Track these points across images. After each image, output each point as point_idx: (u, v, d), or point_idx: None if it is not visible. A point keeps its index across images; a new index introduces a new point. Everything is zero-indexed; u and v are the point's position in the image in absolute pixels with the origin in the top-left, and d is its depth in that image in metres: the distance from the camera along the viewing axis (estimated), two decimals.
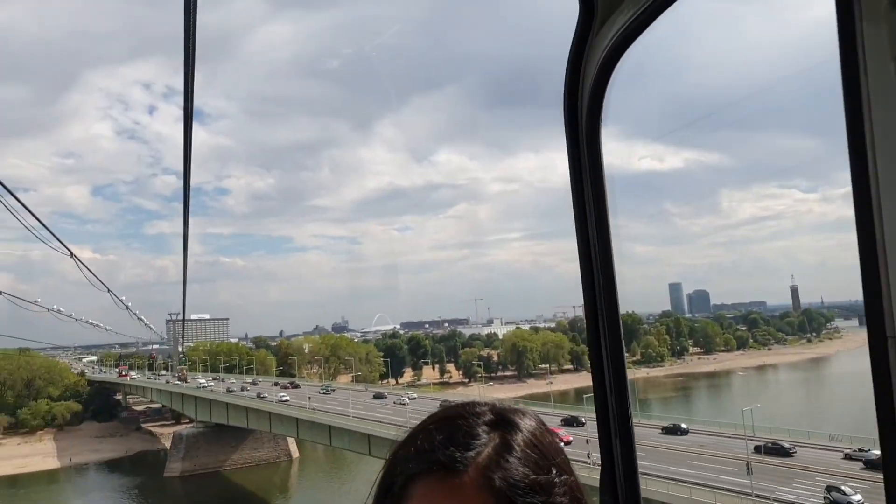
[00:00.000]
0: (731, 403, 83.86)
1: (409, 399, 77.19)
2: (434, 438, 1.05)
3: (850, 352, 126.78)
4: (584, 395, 70.17)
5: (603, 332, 2.41)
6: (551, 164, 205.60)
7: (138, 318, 55.96)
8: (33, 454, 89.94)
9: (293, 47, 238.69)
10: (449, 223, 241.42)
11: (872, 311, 1.19)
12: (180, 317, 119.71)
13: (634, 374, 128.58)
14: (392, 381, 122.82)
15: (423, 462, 1.02)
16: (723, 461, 41.44)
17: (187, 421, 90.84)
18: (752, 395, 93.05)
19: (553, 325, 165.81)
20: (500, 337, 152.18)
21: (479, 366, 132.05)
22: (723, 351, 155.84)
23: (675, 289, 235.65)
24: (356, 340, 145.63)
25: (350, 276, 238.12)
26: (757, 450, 42.29)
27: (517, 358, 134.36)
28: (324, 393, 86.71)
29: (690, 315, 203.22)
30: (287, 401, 76.09)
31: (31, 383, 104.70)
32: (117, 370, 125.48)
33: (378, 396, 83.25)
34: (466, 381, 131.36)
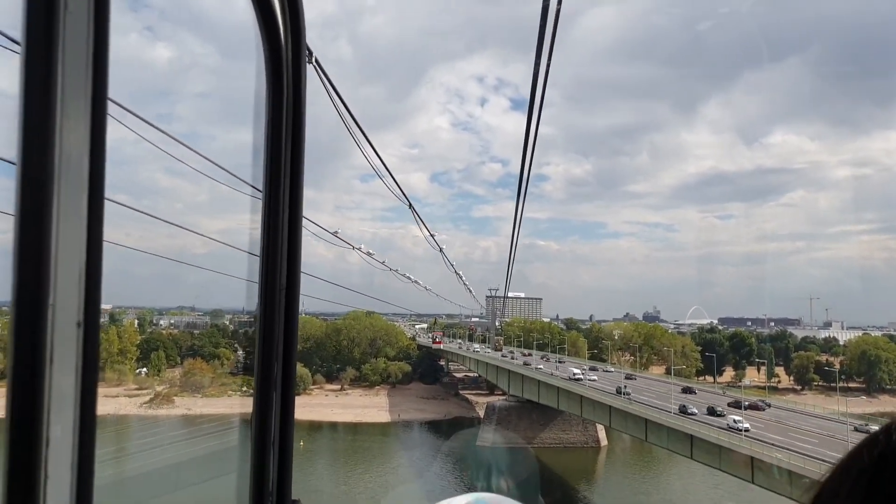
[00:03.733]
0: None
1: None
2: None
3: None
4: None
5: None
6: None
7: (468, 289, 58.72)
8: (370, 406, 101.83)
9: (617, 29, 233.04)
10: (780, 212, 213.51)
11: None
12: (499, 293, 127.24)
13: None
14: (709, 378, 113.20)
15: None
16: None
17: (500, 393, 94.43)
18: None
19: (881, 334, 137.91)
20: (842, 343, 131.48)
21: (815, 372, 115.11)
22: None
23: None
24: (670, 331, 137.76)
25: (663, 265, 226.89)
26: None
27: (867, 369, 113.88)
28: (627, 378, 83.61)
29: None
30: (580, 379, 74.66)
31: (374, 342, 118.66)
32: (431, 336, 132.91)
33: (687, 391, 76.68)
34: (799, 388, 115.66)
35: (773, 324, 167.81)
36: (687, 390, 77.31)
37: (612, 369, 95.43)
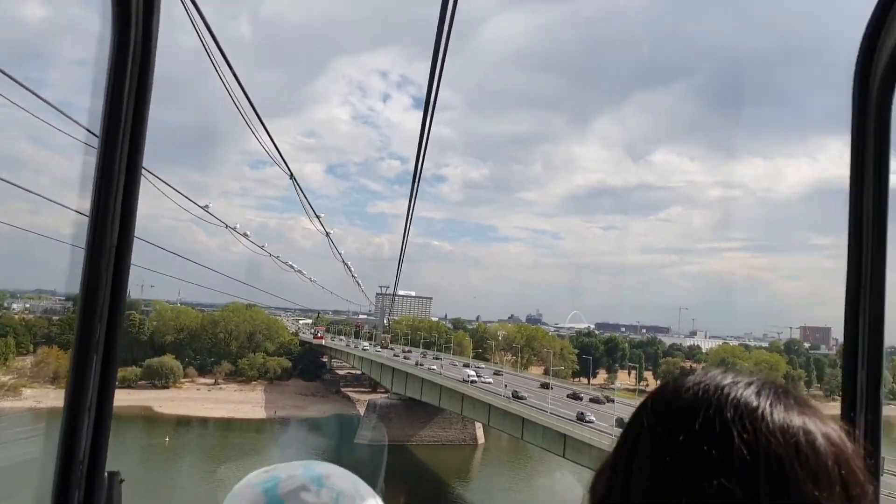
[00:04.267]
0: None
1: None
2: None
3: None
4: None
5: (861, 357, 2.27)
6: (780, 172, 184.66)
7: (356, 281, 57.20)
8: (246, 402, 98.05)
9: (522, 39, 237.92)
10: (659, 226, 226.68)
11: None
12: (389, 291, 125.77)
13: None
14: (584, 380, 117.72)
15: None
16: None
17: (383, 390, 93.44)
18: None
19: (765, 344, 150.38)
20: (704, 350, 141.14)
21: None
22: None
23: None
24: (550, 334, 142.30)
25: (548, 271, 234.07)
26: None
27: None
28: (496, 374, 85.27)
29: None
30: (475, 381, 75.43)
31: (253, 336, 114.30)
32: (312, 332, 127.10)
33: (573, 397, 78.78)
34: None
35: (644, 330, 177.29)
36: (574, 396, 79.20)
37: (504, 370, 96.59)
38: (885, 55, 2.10)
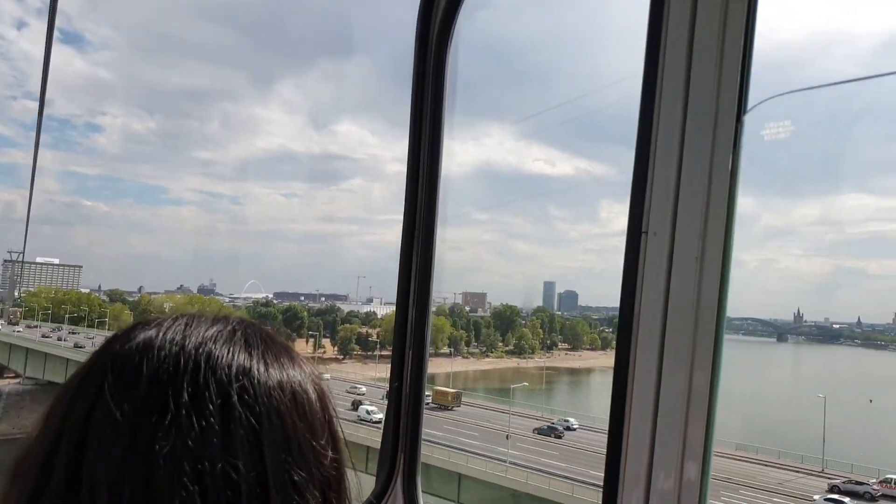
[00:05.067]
0: (589, 397, 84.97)
1: None
2: None
3: None
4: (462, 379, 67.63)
5: (412, 314, 2.65)
6: (451, 151, 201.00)
7: None
8: None
9: None
10: (341, 196, 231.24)
11: None
12: (21, 257, 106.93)
13: (507, 363, 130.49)
14: None
15: None
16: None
17: (12, 375, 79.34)
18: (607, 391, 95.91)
19: (433, 309, 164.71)
20: (380, 316, 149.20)
21: (356, 342, 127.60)
22: (588, 349, 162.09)
23: (548, 287, 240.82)
24: (225, 305, 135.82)
25: (226, 237, 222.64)
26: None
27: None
28: None
29: (560, 313, 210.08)
30: None
31: None
32: None
33: None
34: (341, 357, 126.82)
35: (323, 299, 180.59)
36: None
37: None
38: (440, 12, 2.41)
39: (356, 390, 61.61)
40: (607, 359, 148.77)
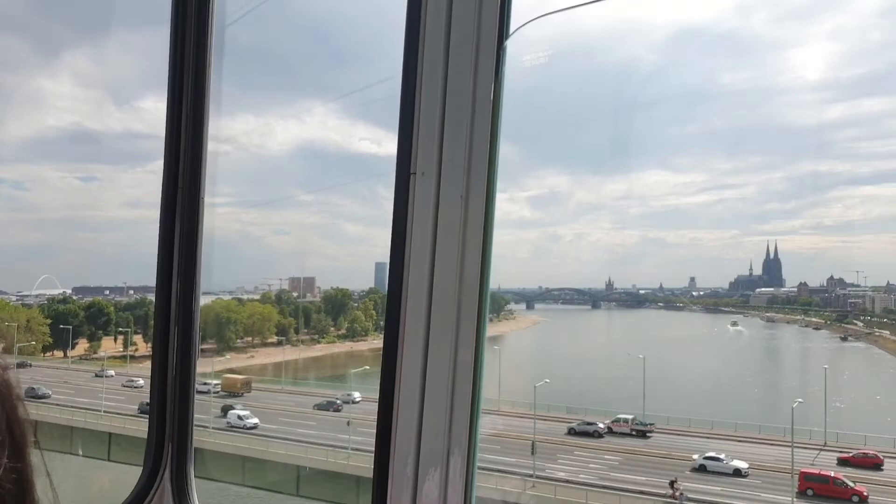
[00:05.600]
0: None
1: None
2: None
3: (520, 330, 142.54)
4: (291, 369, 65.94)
5: (176, 292, 2.58)
6: (272, 130, 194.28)
7: None
8: None
9: None
10: (148, 178, 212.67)
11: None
12: None
13: (339, 348, 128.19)
14: (59, 353, 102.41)
15: None
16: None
17: None
18: None
19: (258, 297, 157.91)
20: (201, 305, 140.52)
21: None
22: None
23: (380, 268, 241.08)
24: (13, 303, 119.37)
25: (9, 228, 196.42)
26: None
27: (218, 330, 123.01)
28: None
29: None
30: None
31: None
32: None
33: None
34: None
35: (132, 291, 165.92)
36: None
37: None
38: None
39: (133, 384, 57.73)
40: None
